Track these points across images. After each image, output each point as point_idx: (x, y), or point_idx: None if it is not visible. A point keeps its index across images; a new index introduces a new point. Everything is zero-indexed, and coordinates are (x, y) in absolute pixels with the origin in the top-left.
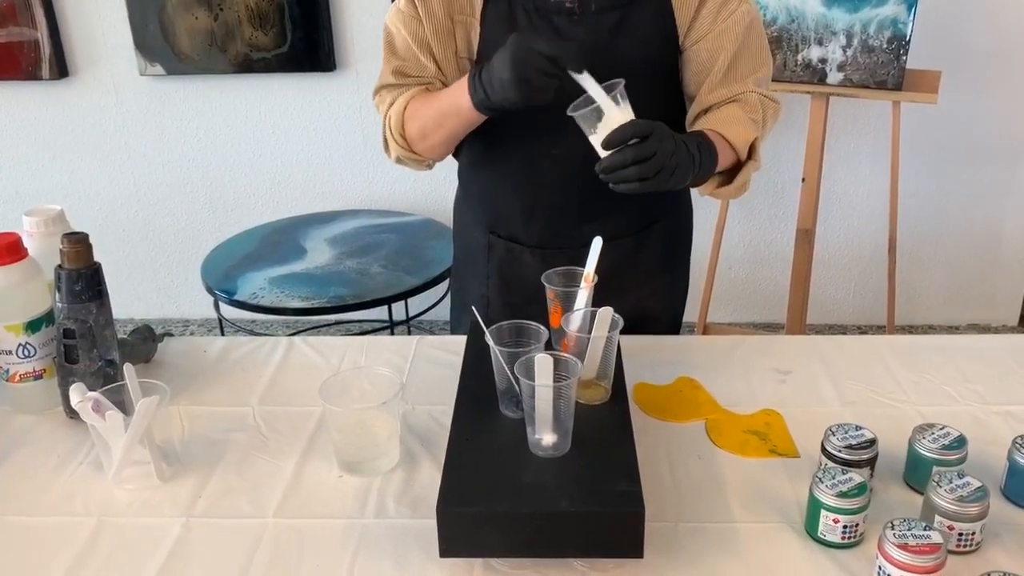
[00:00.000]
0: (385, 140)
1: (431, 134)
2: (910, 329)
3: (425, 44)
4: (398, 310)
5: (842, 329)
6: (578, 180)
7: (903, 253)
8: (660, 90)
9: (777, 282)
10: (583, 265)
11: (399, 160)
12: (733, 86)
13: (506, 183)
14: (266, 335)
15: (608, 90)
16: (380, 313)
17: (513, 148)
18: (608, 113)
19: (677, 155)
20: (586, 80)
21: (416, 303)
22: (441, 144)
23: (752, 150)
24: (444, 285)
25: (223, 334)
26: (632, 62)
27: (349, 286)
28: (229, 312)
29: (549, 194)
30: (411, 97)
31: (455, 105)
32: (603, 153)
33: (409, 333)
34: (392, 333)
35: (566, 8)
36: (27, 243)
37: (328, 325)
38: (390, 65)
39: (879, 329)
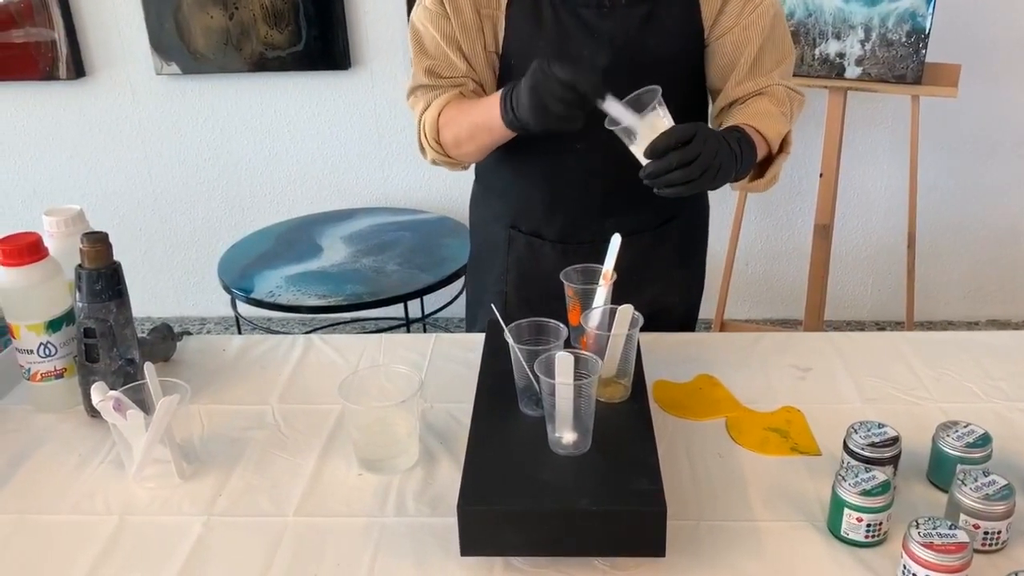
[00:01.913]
0: (420, 143)
1: (465, 143)
2: (929, 325)
3: (454, 41)
4: (414, 308)
5: (860, 325)
6: (601, 174)
7: (922, 248)
8: (685, 85)
9: (794, 278)
10: (601, 260)
11: (435, 162)
12: (759, 79)
13: (529, 177)
14: (283, 333)
15: (647, 98)
16: (396, 311)
17: (538, 143)
18: (646, 124)
19: (720, 154)
20: (611, 106)
21: (431, 300)
22: (476, 152)
23: (785, 143)
24: (460, 283)
25: (240, 332)
26: (660, 57)
27: (365, 284)
28: (246, 310)
29: (572, 188)
30: (445, 103)
31: (488, 120)
32: (644, 161)
33: (425, 330)
34: (408, 331)
35: (595, 1)
36: (47, 243)
37: (344, 323)
38: (421, 65)
39: (897, 325)
